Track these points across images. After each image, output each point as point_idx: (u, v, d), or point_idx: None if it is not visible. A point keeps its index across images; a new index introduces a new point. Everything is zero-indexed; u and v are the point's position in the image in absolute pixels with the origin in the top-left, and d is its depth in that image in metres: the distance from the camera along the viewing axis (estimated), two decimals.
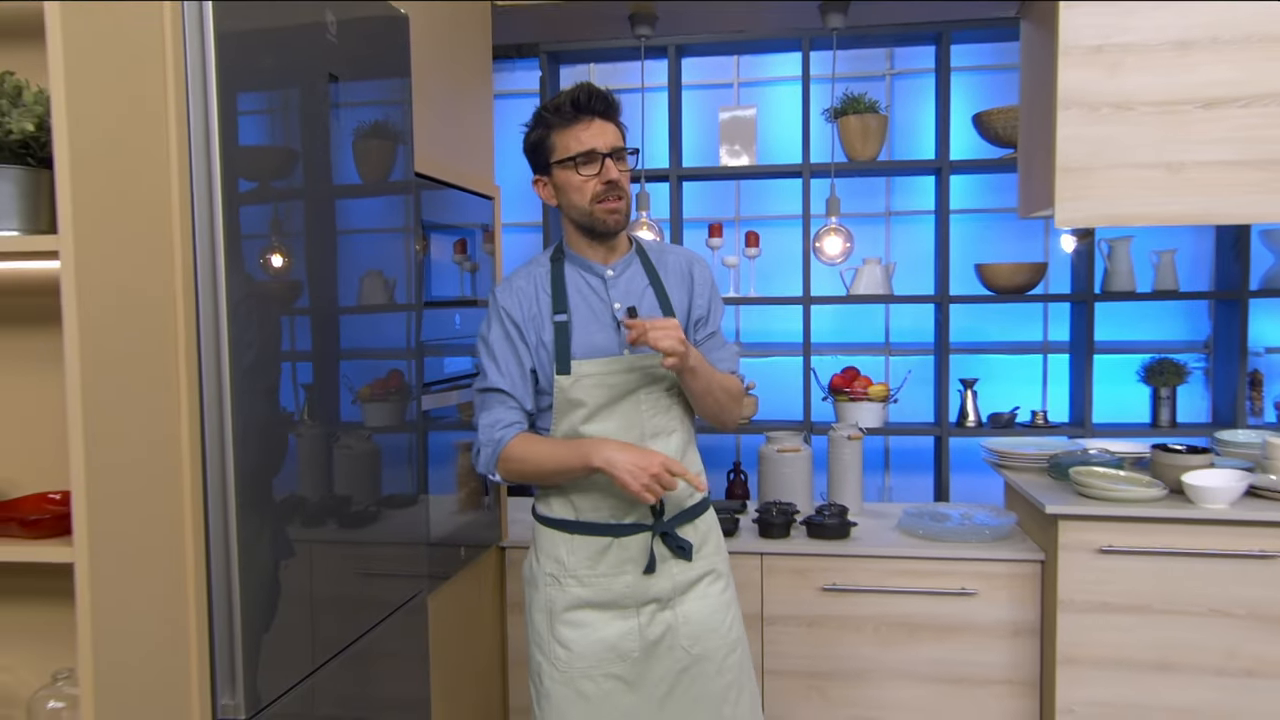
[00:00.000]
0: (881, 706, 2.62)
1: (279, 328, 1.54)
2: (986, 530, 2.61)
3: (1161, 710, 2.37)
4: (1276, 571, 2.30)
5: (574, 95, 1.75)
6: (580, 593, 1.81)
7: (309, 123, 1.62)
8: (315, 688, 1.62)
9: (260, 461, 1.46)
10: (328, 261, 1.70)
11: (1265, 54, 2.31)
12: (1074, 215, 2.43)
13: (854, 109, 3.68)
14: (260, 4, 1.47)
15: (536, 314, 1.80)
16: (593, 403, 1.78)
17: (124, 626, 1.24)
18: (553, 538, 1.84)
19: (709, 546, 1.89)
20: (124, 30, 1.25)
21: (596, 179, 1.74)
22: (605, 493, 1.79)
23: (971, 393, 3.85)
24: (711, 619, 1.86)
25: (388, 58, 1.93)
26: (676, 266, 1.90)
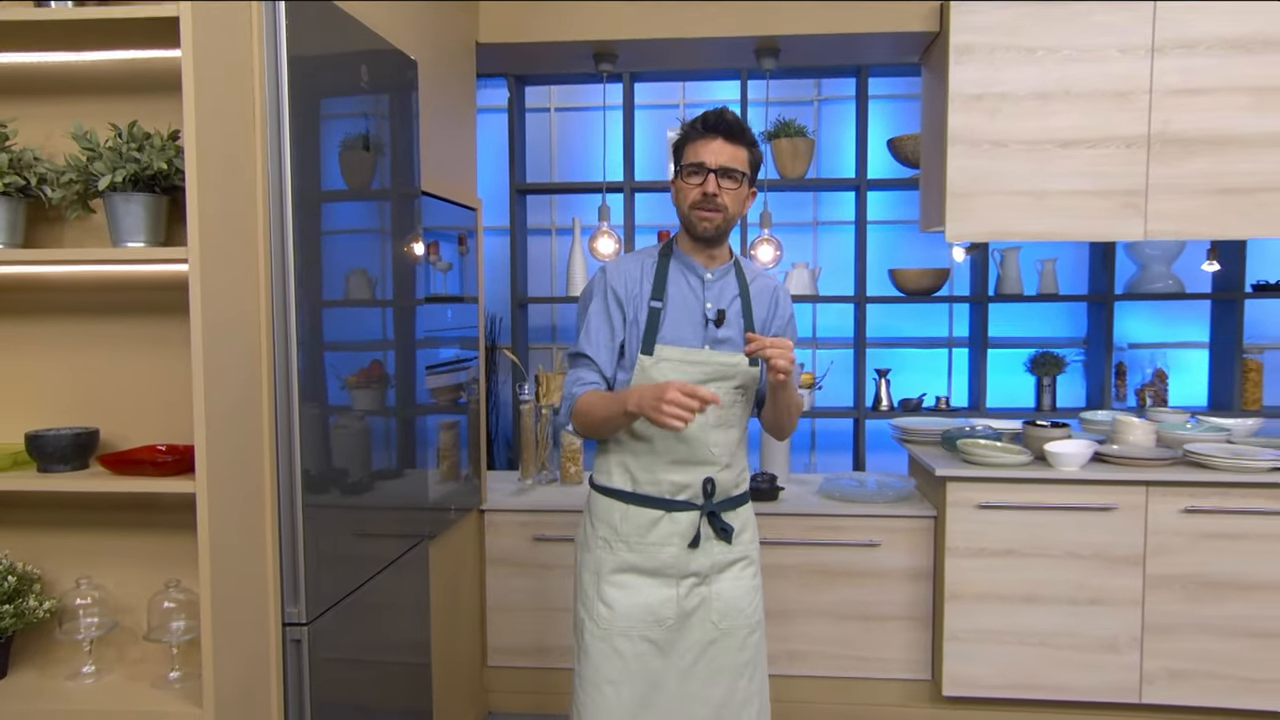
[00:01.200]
0: (805, 640, 3.06)
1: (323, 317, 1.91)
2: (890, 492, 3.07)
3: (1029, 633, 2.86)
4: (1116, 520, 2.80)
5: (707, 115, 1.90)
6: (629, 557, 1.94)
7: (352, 149, 1.99)
8: (351, 606, 1.99)
9: (317, 431, 1.83)
10: (375, 263, 2.06)
11: (1109, 106, 2.81)
12: (961, 231, 2.90)
13: (785, 132, 4.13)
14: (321, 61, 1.83)
15: (638, 294, 1.95)
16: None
17: (225, 546, 1.60)
18: (609, 505, 1.97)
19: (747, 534, 2.04)
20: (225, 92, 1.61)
21: (698, 189, 1.88)
22: (666, 469, 1.93)
23: (885, 381, 4.33)
24: (740, 600, 2.00)
25: (403, 96, 2.30)
26: (765, 287, 2.05)
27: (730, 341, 1.97)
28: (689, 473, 1.95)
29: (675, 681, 1.96)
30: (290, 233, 1.74)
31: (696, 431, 1.92)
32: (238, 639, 1.64)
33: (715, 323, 1.95)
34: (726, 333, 1.97)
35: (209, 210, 1.54)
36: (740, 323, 1.98)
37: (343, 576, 1.95)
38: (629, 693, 1.94)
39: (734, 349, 1.96)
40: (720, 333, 1.96)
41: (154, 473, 1.59)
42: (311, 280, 1.81)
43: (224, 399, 1.59)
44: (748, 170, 1.92)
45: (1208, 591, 2.79)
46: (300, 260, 1.76)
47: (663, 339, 1.93)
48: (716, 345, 1.96)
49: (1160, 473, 2.78)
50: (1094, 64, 2.81)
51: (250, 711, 1.67)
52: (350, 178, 2.00)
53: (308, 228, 1.79)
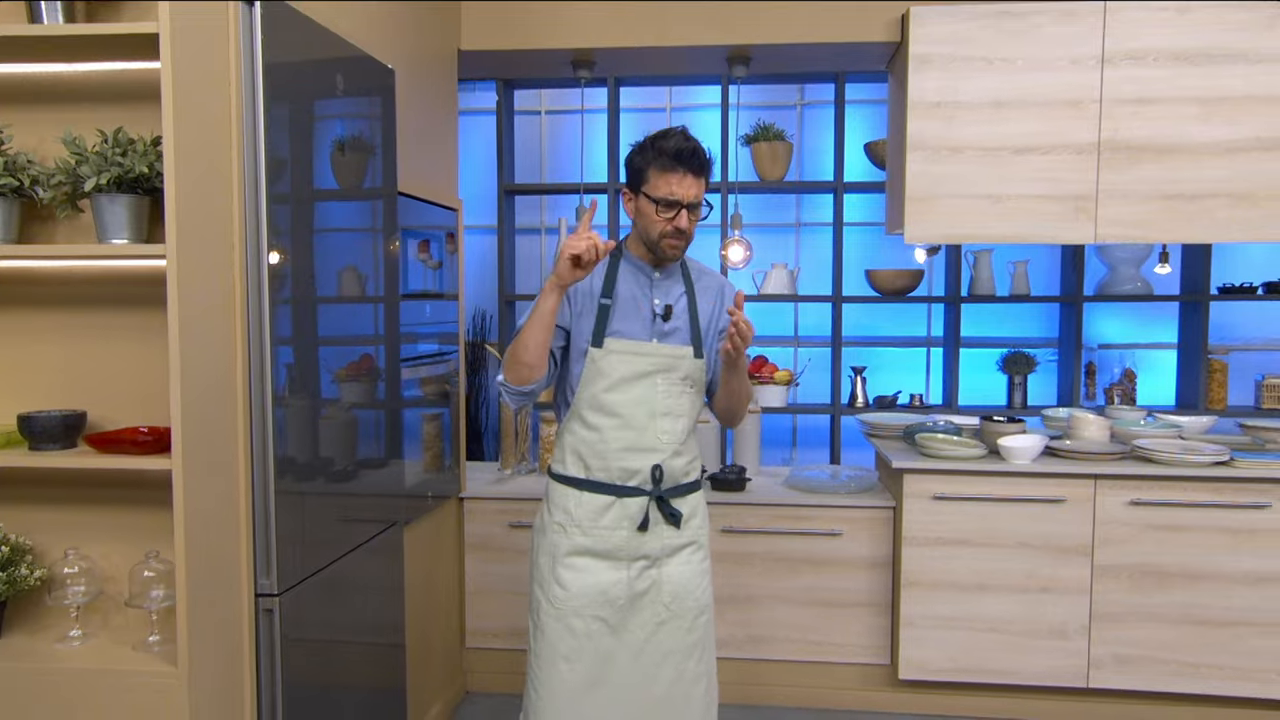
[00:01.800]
0: (768, 625, 3.18)
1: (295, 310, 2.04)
2: (852, 484, 3.19)
3: (980, 620, 2.97)
4: (1065, 512, 2.91)
5: (679, 148, 1.96)
6: (582, 541, 2.05)
7: (327, 152, 2.12)
8: (323, 582, 2.12)
9: (289, 415, 1.96)
10: (346, 259, 2.19)
11: (1061, 114, 2.92)
12: (919, 233, 3.02)
13: (764, 136, 4.25)
14: (296, 70, 1.96)
15: (587, 291, 2.05)
16: (615, 375, 2.03)
17: (199, 519, 1.72)
18: (565, 492, 2.08)
19: (696, 520, 2.14)
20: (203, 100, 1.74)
21: (670, 223, 1.99)
22: (614, 456, 2.04)
23: (861, 379, 4.44)
24: (689, 583, 2.10)
25: (380, 102, 2.43)
26: (710, 284, 2.16)
27: (677, 334, 2.09)
28: (638, 459, 2.05)
29: (626, 659, 2.06)
30: (264, 231, 1.87)
31: (645, 420, 2.04)
32: (212, 606, 1.77)
33: (663, 317, 2.07)
34: (672, 326, 2.08)
35: (186, 210, 1.67)
36: (686, 317, 2.10)
37: (314, 553, 2.08)
38: (582, 669, 2.05)
39: (680, 342, 2.08)
40: (667, 326, 2.08)
41: (134, 451, 1.72)
42: (285, 275, 1.94)
43: (200, 384, 1.72)
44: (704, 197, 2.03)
45: (1153, 581, 2.90)
46: (273, 257, 1.89)
47: (612, 333, 2.04)
48: (663, 338, 2.07)
49: (1108, 466, 2.89)
50: (1047, 73, 2.92)
51: (224, 674, 1.81)
52: (325, 179, 2.13)
53: (281, 226, 1.92)
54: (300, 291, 2.02)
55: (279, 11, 1.91)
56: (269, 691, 1.92)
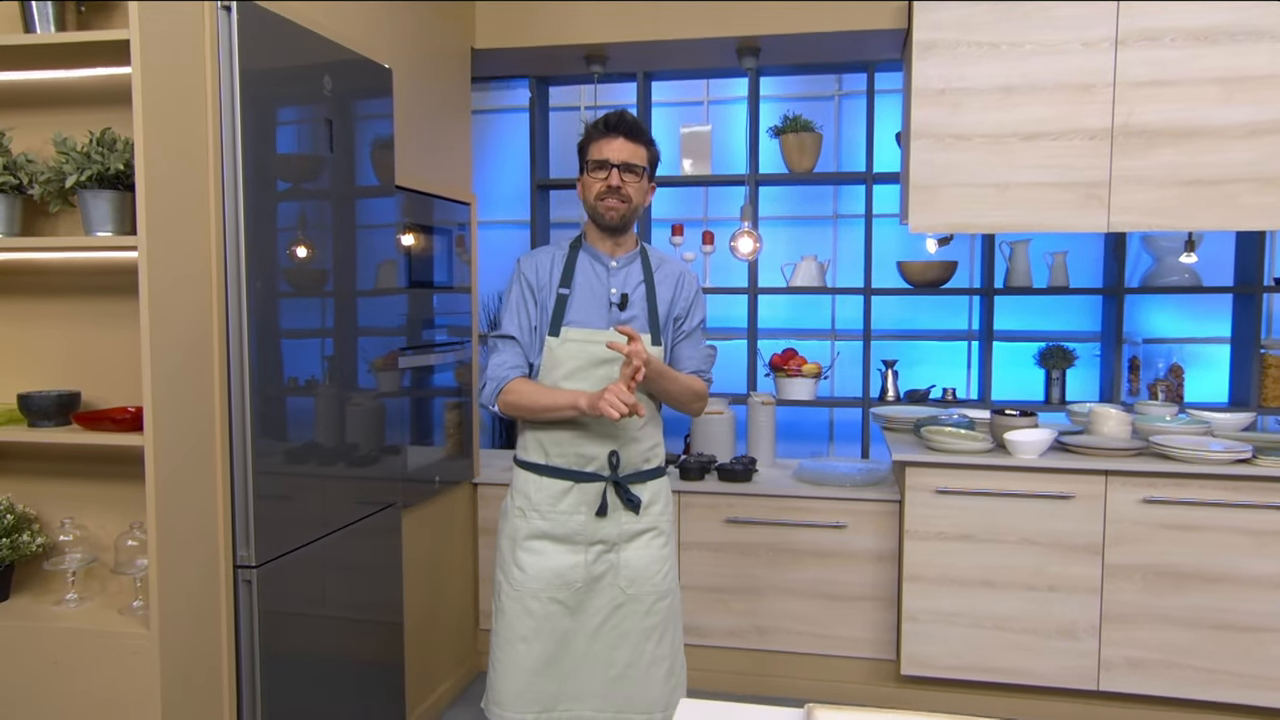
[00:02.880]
0: (773, 616, 3.18)
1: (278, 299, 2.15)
2: (859, 476, 3.16)
3: (985, 617, 2.92)
4: (1074, 509, 2.83)
5: (608, 116, 2.10)
6: (541, 525, 2.12)
7: (309, 151, 2.23)
8: (311, 555, 2.23)
9: (268, 400, 2.07)
10: (328, 252, 2.31)
11: (1069, 98, 2.83)
12: (923, 223, 2.97)
13: (791, 128, 4.22)
14: (276, 71, 2.08)
15: (548, 283, 2.13)
16: (572, 364, 2.09)
17: (174, 492, 1.85)
18: (525, 477, 2.15)
19: (657, 507, 2.18)
20: (179, 101, 1.86)
21: (603, 182, 2.07)
22: (573, 442, 2.10)
23: (892, 372, 4.38)
24: (649, 568, 2.14)
25: (374, 102, 2.53)
26: (670, 272, 2.21)
27: (634, 322, 2.14)
28: (595, 445, 2.11)
29: (584, 641, 2.12)
30: (242, 225, 1.98)
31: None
32: (188, 574, 1.90)
33: (619, 305, 2.12)
34: (630, 314, 2.13)
35: (160, 205, 1.80)
36: (645, 305, 2.15)
37: (299, 529, 2.20)
38: (539, 649, 2.11)
39: (637, 329, 2.11)
40: (624, 315, 2.12)
41: (114, 429, 1.86)
42: (266, 268, 2.05)
43: (174, 366, 1.85)
44: (647, 165, 2.11)
45: (1167, 582, 2.80)
46: (252, 251, 2.00)
47: (569, 322, 2.10)
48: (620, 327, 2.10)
49: (1120, 462, 2.79)
50: (1057, 57, 2.84)
51: (200, 639, 1.93)
52: (310, 176, 2.24)
53: (260, 221, 2.03)
54: (281, 283, 2.13)
55: (258, 15, 2.02)
56: (249, 658, 2.04)
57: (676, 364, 2.22)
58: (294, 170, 2.18)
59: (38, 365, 2.07)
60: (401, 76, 2.74)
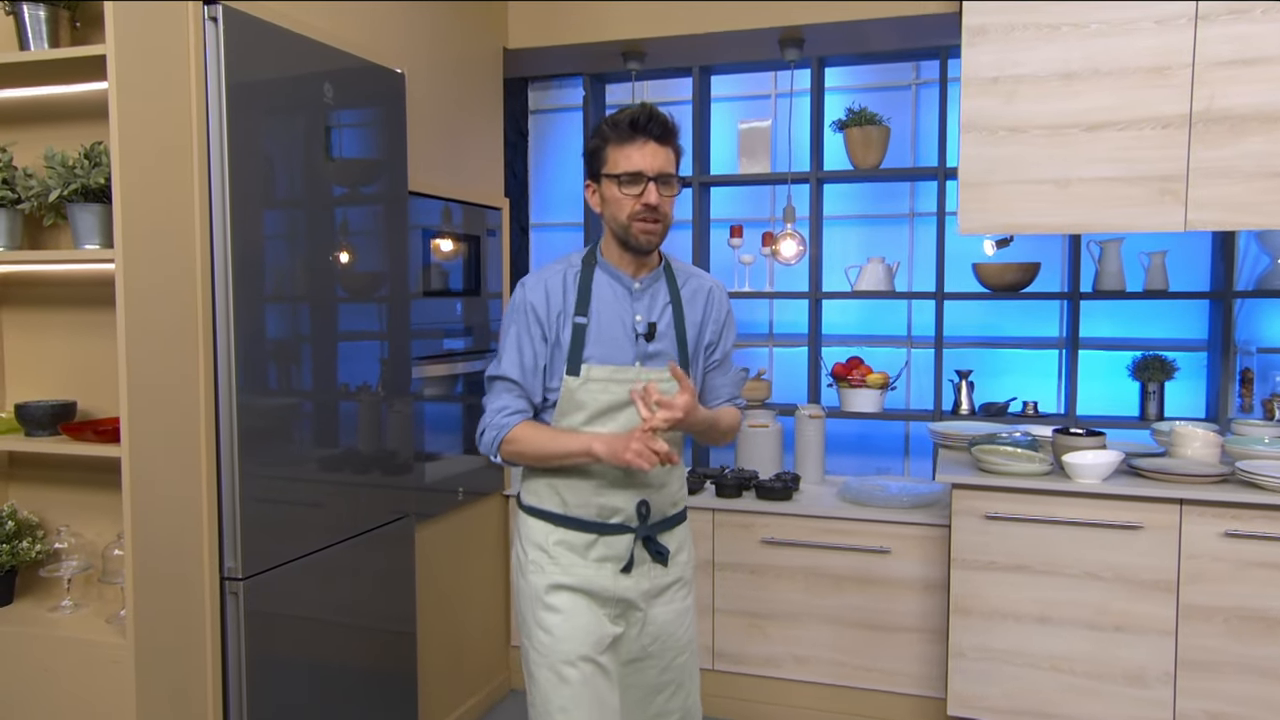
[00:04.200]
0: (812, 645, 3.07)
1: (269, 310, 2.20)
2: (904, 498, 3.02)
3: (1042, 656, 2.73)
4: (1143, 540, 2.61)
5: (634, 115, 1.82)
6: (562, 579, 1.90)
7: (306, 159, 2.27)
8: (308, 567, 2.27)
9: (257, 411, 2.12)
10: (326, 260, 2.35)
11: (1139, 82, 2.62)
12: (973, 224, 2.81)
13: (855, 121, 4.07)
14: (267, 81, 2.12)
15: (561, 311, 1.87)
16: (595, 406, 1.86)
17: (154, 503, 1.91)
18: (540, 527, 1.93)
19: (684, 555, 2.02)
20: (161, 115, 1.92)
21: (638, 199, 1.81)
22: (594, 492, 1.89)
23: (966, 383, 4.17)
24: (672, 624, 1.98)
25: (383, 107, 2.56)
26: (698, 289, 1.98)
27: (663, 355, 1.92)
28: (621, 496, 1.91)
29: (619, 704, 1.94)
30: (229, 235, 2.04)
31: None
32: (169, 585, 1.96)
33: (646, 337, 1.89)
34: (658, 346, 1.91)
35: (141, 217, 1.86)
36: (673, 334, 1.93)
37: (294, 540, 2.24)
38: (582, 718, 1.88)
39: (666, 364, 1.90)
40: (652, 347, 1.90)
41: (96, 439, 1.93)
42: (253, 277, 2.10)
43: (156, 377, 1.91)
44: (678, 170, 1.88)
45: (1255, 627, 2.55)
46: (239, 260, 2.05)
47: (590, 357, 1.87)
48: (648, 361, 1.90)
49: (1196, 490, 2.57)
50: (1125, 38, 2.63)
51: (182, 650, 1.99)
52: (307, 184, 2.28)
53: (248, 230, 2.08)
54: (273, 289, 2.18)
55: (247, 24, 2.07)
56: (235, 671, 2.09)
57: (710, 396, 2.05)
58: (286, 179, 2.22)
59: (40, 375, 2.18)
60: (419, 81, 2.77)
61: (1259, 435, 2.93)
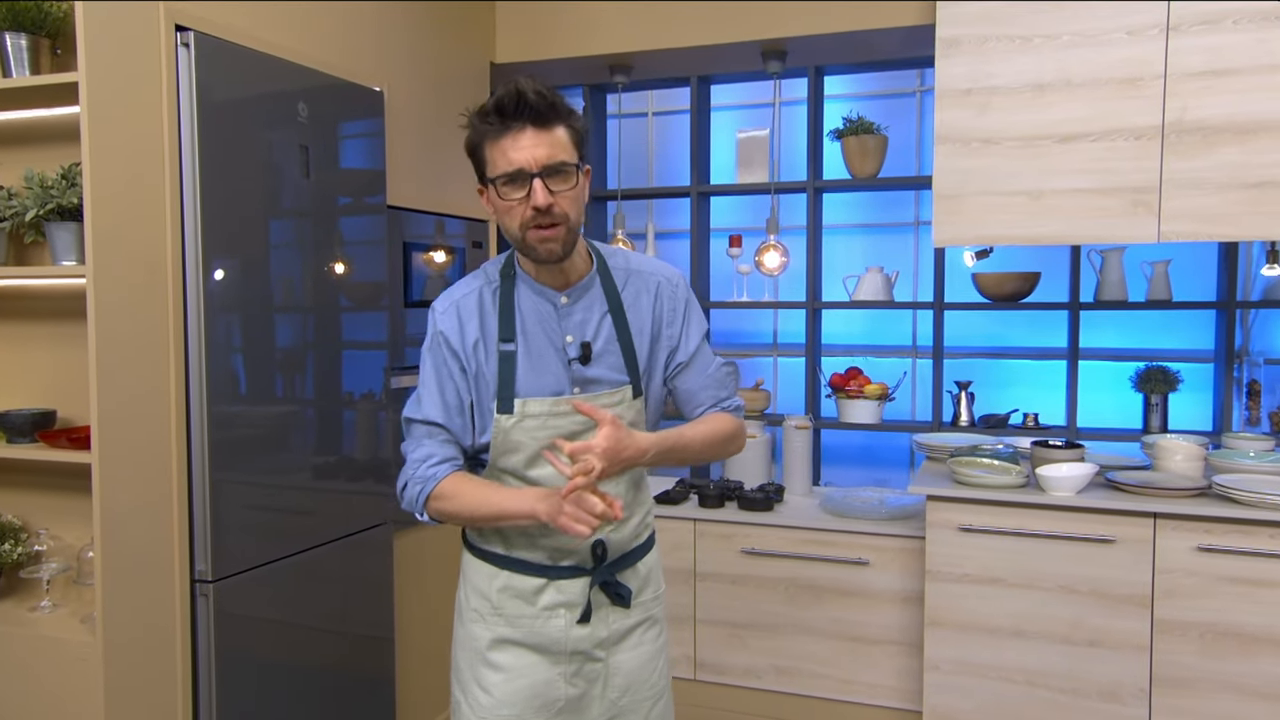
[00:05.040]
0: (794, 657, 3.13)
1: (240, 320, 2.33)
2: (883, 510, 3.07)
3: (1016, 670, 2.76)
4: (1117, 554, 2.64)
5: (499, 100, 1.51)
6: (507, 632, 1.69)
7: (280, 176, 2.40)
8: (280, 571, 2.39)
9: (228, 420, 2.25)
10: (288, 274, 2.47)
11: (1112, 94, 2.66)
12: (948, 235, 2.86)
13: (852, 130, 4.13)
14: (238, 102, 2.25)
15: (479, 339, 1.62)
16: (534, 447, 1.62)
17: (124, 508, 2.04)
18: (482, 570, 1.72)
19: (648, 591, 1.79)
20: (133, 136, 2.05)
21: (524, 204, 1.51)
22: (542, 532, 1.64)
23: (966, 394, 4.20)
24: (643, 670, 1.76)
25: (361, 124, 2.69)
26: (642, 287, 1.70)
27: (604, 379, 1.67)
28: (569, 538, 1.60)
29: None
30: (200, 251, 2.17)
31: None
32: (139, 587, 2.09)
33: (580, 360, 1.64)
34: (597, 371, 1.66)
35: (112, 235, 2.00)
36: (616, 349, 1.66)
37: (263, 545, 2.36)
38: None
39: (611, 385, 1.67)
40: (590, 371, 1.65)
41: (69, 446, 2.07)
42: (226, 290, 2.23)
43: (128, 387, 2.05)
44: (575, 155, 1.54)
45: (1231, 644, 2.57)
46: (211, 274, 2.18)
47: (522, 390, 1.61)
48: (588, 386, 1.65)
49: (1171, 504, 2.59)
50: (1097, 49, 2.67)
51: (152, 650, 2.12)
52: (280, 200, 2.41)
53: (220, 245, 2.21)
54: (244, 301, 2.30)
55: (219, 48, 2.20)
56: (206, 671, 2.22)
57: (688, 405, 1.77)
58: (258, 196, 2.35)
59: (26, 385, 2.33)
60: (401, 97, 2.90)
61: (1246, 449, 2.94)
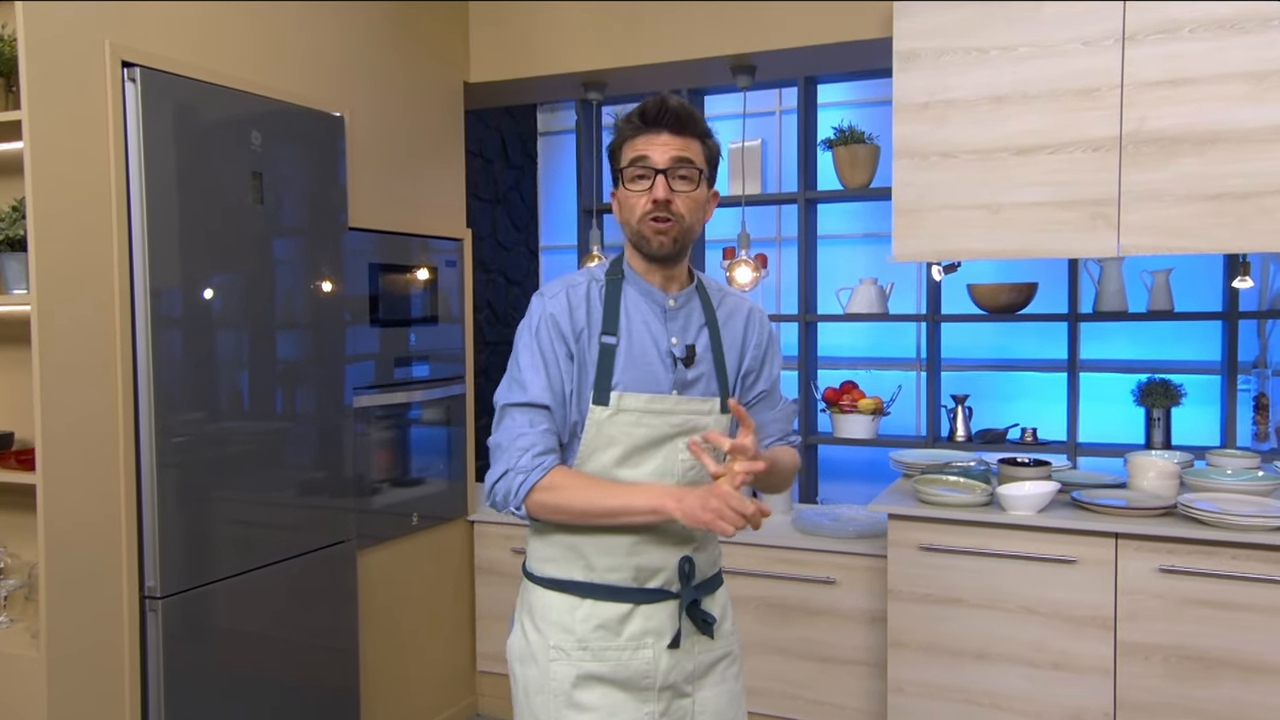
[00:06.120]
0: (762, 676, 3.18)
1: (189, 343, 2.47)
2: (850, 528, 3.11)
3: (980, 693, 2.78)
4: (1078, 575, 2.65)
5: (645, 106, 1.65)
6: (594, 667, 1.66)
7: (231, 201, 2.54)
8: (235, 587, 2.52)
9: (177, 434, 2.38)
10: (240, 296, 2.61)
11: (1069, 105, 2.68)
12: (907, 250, 2.90)
13: (843, 140, 4.18)
14: (185, 132, 2.40)
15: (585, 328, 1.68)
16: (629, 442, 1.66)
17: (70, 525, 2.19)
18: (562, 603, 1.69)
19: (727, 624, 1.80)
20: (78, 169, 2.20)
21: (646, 195, 1.64)
22: (630, 550, 1.66)
23: (963, 409, 4.20)
24: (729, 709, 1.76)
25: (318, 148, 2.82)
26: (735, 309, 1.81)
27: (701, 382, 1.73)
28: (660, 553, 1.68)
29: None
30: (147, 277, 2.31)
31: None
32: (88, 602, 2.23)
33: (684, 362, 1.70)
34: (696, 373, 1.72)
35: (53, 265, 2.15)
36: (710, 359, 1.75)
37: (216, 561, 2.50)
38: None
39: (704, 393, 1.73)
40: (690, 373, 1.71)
41: (17, 467, 2.22)
42: (173, 312, 2.37)
43: (76, 409, 2.19)
44: (704, 165, 1.68)
45: (1196, 668, 2.56)
46: (158, 298, 2.32)
47: (620, 384, 1.66)
48: (685, 389, 1.71)
49: (1133, 524, 2.60)
50: (1054, 60, 2.70)
51: (99, 665, 2.26)
52: (231, 225, 2.55)
53: (167, 272, 2.35)
54: (193, 323, 2.44)
55: (164, 82, 2.35)
56: (156, 684, 2.36)
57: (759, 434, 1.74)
58: (208, 221, 2.49)
59: None
60: (365, 120, 3.03)
61: (1226, 467, 2.92)
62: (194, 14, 2.49)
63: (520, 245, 5.41)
